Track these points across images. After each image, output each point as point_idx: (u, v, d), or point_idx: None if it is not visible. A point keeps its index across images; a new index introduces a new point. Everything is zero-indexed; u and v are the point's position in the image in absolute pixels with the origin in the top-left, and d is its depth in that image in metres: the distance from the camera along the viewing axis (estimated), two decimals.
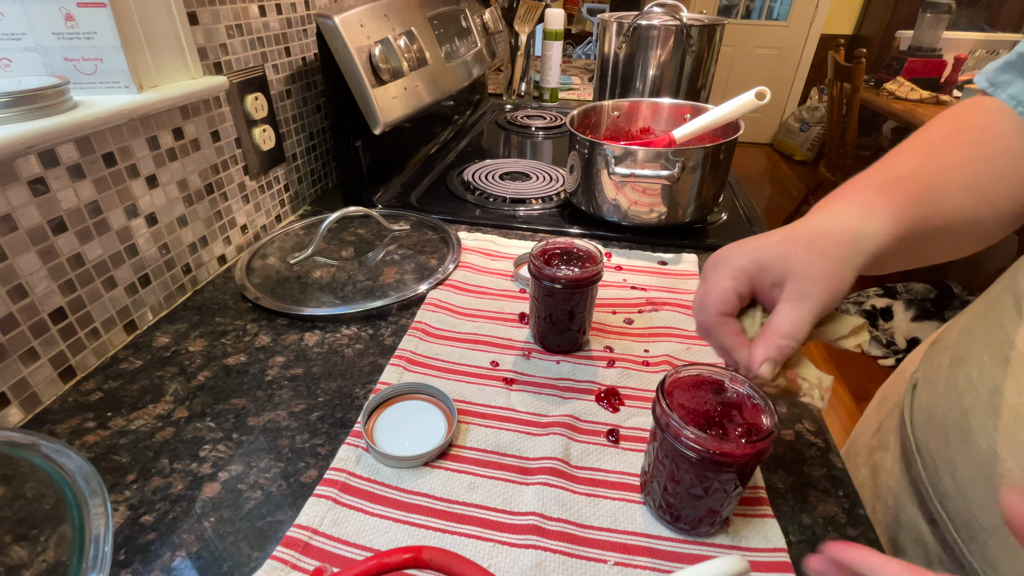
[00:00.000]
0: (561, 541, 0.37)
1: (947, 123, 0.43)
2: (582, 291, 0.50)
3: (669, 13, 1.03)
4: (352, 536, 0.37)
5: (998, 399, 0.38)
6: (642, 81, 1.10)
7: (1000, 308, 0.42)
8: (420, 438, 0.44)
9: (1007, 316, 0.40)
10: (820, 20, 3.83)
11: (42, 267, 0.46)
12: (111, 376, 0.51)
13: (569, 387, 0.50)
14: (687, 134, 0.73)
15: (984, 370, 0.40)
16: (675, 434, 0.33)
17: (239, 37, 0.66)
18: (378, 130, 0.75)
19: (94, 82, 0.51)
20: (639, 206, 0.72)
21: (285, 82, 0.77)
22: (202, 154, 0.63)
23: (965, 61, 2.46)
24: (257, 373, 0.51)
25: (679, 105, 0.83)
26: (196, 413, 0.47)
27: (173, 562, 0.36)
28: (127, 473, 0.41)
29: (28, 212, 0.44)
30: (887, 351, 2.14)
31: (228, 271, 0.68)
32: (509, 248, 0.72)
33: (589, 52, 2.16)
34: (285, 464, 0.42)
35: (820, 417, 0.48)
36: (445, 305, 0.60)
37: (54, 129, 0.43)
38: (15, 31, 0.48)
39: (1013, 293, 0.41)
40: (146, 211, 0.56)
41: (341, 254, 0.70)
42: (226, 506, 0.39)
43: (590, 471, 0.42)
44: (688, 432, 0.33)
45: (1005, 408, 0.38)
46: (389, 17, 0.78)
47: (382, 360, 0.53)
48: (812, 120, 3.87)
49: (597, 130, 0.86)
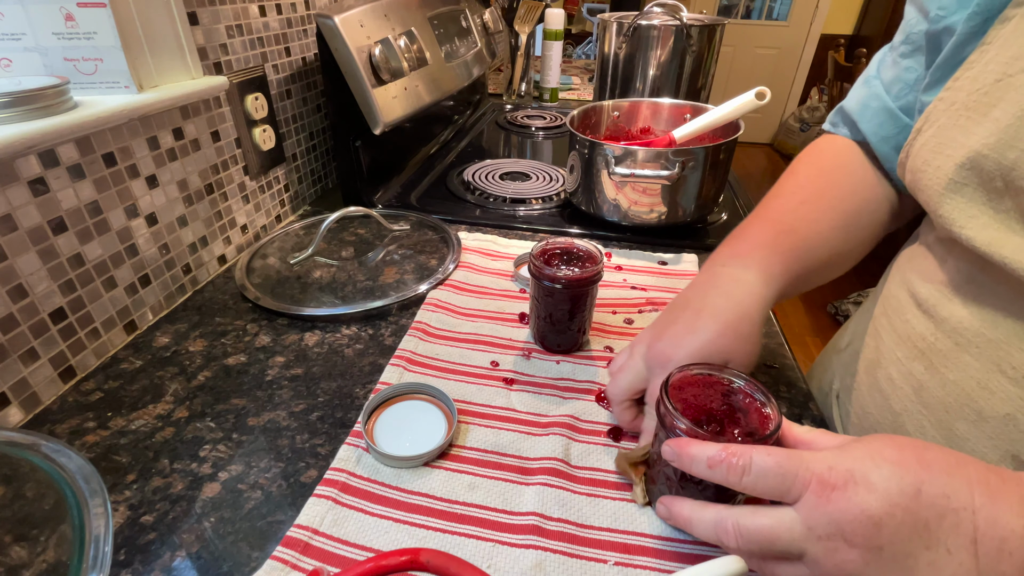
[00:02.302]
0: (561, 541, 0.37)
1: (812, 164, 0.51)
2: (582, 291, 0.50)
3: (669, 13, 1.03)
4: (352, 536, 0.37)
5: (924, 395, 0.39)
6: (642, 81, 1.10)
7: (898, 303, 0.44)
8: (420, 438, 0.44)
9: (908, 311, 0.42)
10: (820, 20, 3.83)
11: (42, 267, 0.46)
12: (111, 376, 0.51)
13: (569, 387, 0.50)
14: (687, 134, 0.73)
15: (902, 367, 0.42)
16: (670, 425, 0.34)
17: (239, 37, 0.66)
18: (378, 130, 0.75)
19: (94, 82, 0.51)
20: (639, 206, 0.72)
21: (285, 82, 0.77)
22: (202, 154, 0.63)
23: None
24: (257, 373, 0.51)
25: (679, 105, 0.83)
26: (196, 413, 0.47)
27: (173, 562, 0.36)
28: (127, 473, 0.41)
29: (28, 212, 0.44)
30: None
31: (228, 271, 0.68)
32: (509, 248, 0.72)
33: (589, 52, 2.16)
34: (285, 464, 0.42)
35: (820, 417, 0.48)
36: (445, 305, 0.60)
37: (54, 129, 0.43)
38: (15, 31, 0.48)
39: (908, 289, 0.43)
40: (146, 211, 0.56)
41: (341, 254, 0.70)
42: (226, 506, 0.39)
43: (590, 471, 0.42)
44: (682, 424, 0.33)
45: (934, 402, 0.39)
46: (389, 17, 0.78)
47: (382, 360, 0.53)
48: (812, 120, 3.87)
49: (597, 130, 0.86)
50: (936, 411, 0.39)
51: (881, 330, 0.46)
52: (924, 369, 0.40)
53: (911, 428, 0.41)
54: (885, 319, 0.46)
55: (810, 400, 0.49)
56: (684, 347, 0.39)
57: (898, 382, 0.42)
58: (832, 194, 0.48)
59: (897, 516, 0.24)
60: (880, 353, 0.45)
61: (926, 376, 0.40)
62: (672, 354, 0.39)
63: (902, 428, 0.41)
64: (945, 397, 0.38)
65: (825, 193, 0.48)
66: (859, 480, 0.26)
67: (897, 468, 0.25)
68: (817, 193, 0.48)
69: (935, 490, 0.24)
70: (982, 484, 0.24)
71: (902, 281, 0.45)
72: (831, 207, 0.47)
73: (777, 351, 0.55)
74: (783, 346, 0.56)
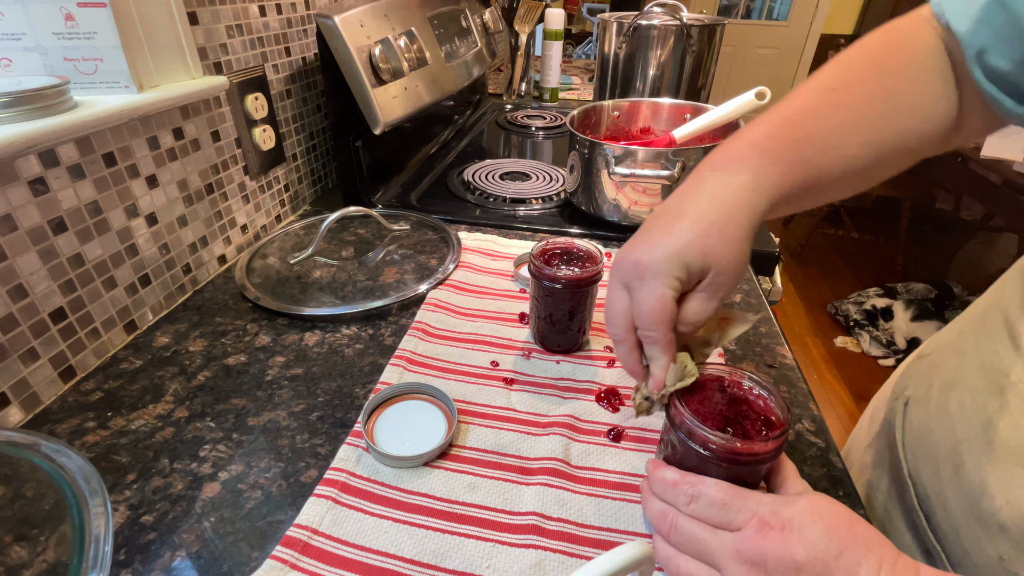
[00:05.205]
0: (561, 541, 0.37)
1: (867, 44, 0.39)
2: (582, 291, 0.50)
3: (669, 13, 1.03)
4: (352, 536, 0.37)
5: (991, 432, 0.37)
6: (642, 81, 1.10)
7: (991, 328, 0.41)
8: (420, 438, 0.44)
9: (999, 339, 0.39)
10: (820, 20, 3.83)
11: (42, 267, 0.46)
12: (111, 376, 0.51)
13: (569, 387, 0.50)
14: (687, 134, 0.73)
15: (977, 397, 0.39)
16: (701, 441, 0.33)
17: (239, 37, 0.66)
18: (378, 130, 0.75)
19: (94, 82, 0.51)
20: (639, 206, 0.72)
21: (285, 82, 0.77)
22: (202, 154, 0.63)
23: None
24: (257, 373, 0.51)
25: (679, 105, 0.83)
26: (196, 413, 0.47)
27: (173, 562, 0.36)
28: (127, 473, 0.41)
29: (28, 212, 0.44)
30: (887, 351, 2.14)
31: (228, 271, 0.68)
32: (509, 248, 0.72)
33: (589, 52, 2.16)
34: (285, 464, 0.42)
35: (820, 417, 0.48)
36: (445, 305, 0.60)
37: (54, 129, 0.43)
38: (15, 31, 0.48)
39: (1004, 317, 0.40)
40: (146, 211, 0.56)
41: (341, 254, 0.70)
42: (226, 506, 0.39)
43: (590, 471, 0.42)
44: (713, 436, 0.32)
45: (999, 443, 0.37)
46: (389, 17, 0.78)
47: (382, 360, 0.53)
48: None
49: (597, 130, 0.86)
50: (998, 451, 0.36)
51: (966, 350, 0.43)
52: (999, 407, 0.37)
53: (968, 459, 0.38)
54: (973, 340, 0.42)
55: (810, 400, 0.49)
56: (660, 249, 0.34)
57: (969, 411, 0.39)
58: (872, 86, 0.37)
59: (816, 568, 0.28)
60: (959, 376, 0.42)
61: (999, 415, 0.37)
62: (647, 260, 0.34)
63: (959, 457, 0.39)
64: (1012, 440, 0.36)
65: (864, 83, 0.37)
66: (795, 529, 0.29)
67: (828, 530, 0.29)
68: (854, 99, 0.37)
69: (853, 558, 0.28)
70: (889, 564, 0.28)
71: (1000, 306, 0.41)
72: (863, 105, 0.37)
73: (777, 351, 0.55)
74: (783, 346, 0.56)
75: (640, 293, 0.35)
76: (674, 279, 0.34)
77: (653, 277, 0.34)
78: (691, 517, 0.33)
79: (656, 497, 0.35)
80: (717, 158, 0.38)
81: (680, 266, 0.33)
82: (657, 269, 0.34)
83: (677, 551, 0.33)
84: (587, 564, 0.29)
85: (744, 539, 0.30)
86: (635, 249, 0.36)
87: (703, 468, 0.34)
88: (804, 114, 0.37)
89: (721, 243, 0.34)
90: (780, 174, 0.36)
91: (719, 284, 0.34)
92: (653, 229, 0.36)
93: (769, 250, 0.73)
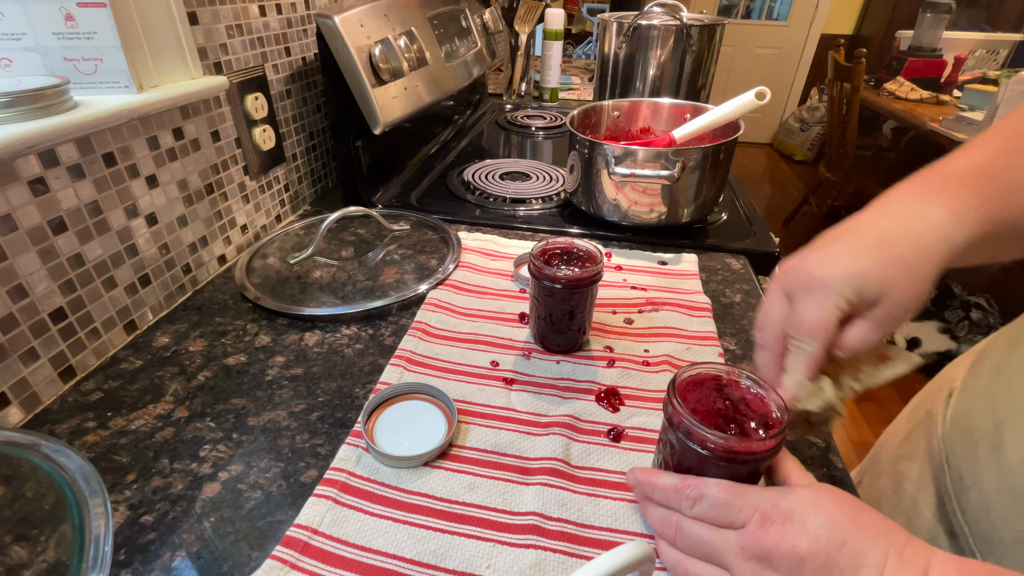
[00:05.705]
0: (561, 541, 0.37)
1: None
2: (582, 291, 0.50)
3: (669, 13, 1.03)
4: (352, 536, 0.37)
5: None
6: (642, 81, 1.10)
7: None
8: (420, 438, 0.44)
9: None
10: (820, 20, 3.83)
11: (42, 267, 0.46)
12: (111, 376, 0.51)
13: (569, 387, 0.50)
14: (687, 134, 0.73)
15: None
16: (700, 440, 0.33)
17: (239, 37, 0.66)
18: (378, 130, 0.75)
19: (94, 82, 0.51)
20: (639, 206, 0.72)
21: (285, 82, 0.77)
22: (202, 154, 0.63)
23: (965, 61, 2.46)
24: (257, 373, 0.51)
25: (679, 105, 0.83)
26: (196, 413, 0.47)
27: (173, 562, 0.36)
28: (127, 473, 0.41)
29: (28, 212, 0.44)
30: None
31: (228, 271, 0.68)
32: (509, 248, 0.72)
33: (589, 52, 2.16)
34: (285, 464, 0.42)
35: None
36: (445, 305, 0.60)
37: (54, 129, 0.43)
38: (15, 31, 0.48)
39: None
40: (146, 211, 0.56)
41: (341, 254, 0.70)
42: (226, 506, 0.39)
43: (590, 471, 0.42)
44: (711, 436, 0.32)
45: None
46: (389, 17, 0.78)
47: (382, 360, 0.53)
48: (812, 120, 3.87)
49: (597, 130, 0.86)
50: None
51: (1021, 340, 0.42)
52: None
53: (1009, 438, 0.38)
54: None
55: None
56: (838, 266, 0.33)
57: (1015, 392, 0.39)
58: None
59: (820, 559, 0.28)
60: (1010, 361, 0.41)
61: None
62: (820, 273, 0.33)
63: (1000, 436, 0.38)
64: None
65: None
66: (796, 521, 0.29)
67: (831, 519, 0.29)
68: None
69: (857, 547, 0.28)
70: (897, 551, 0.27)
71: None
72: None
73: None
74: None
75: (804, 304, 0.34)
76: (844, 299, 0.33)
77: (822, 291, 0.33)
78: (695, 519, 0.33)
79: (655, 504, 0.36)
80: (905, 188, 0.36)
81: (854, 288, 0.32)
82: (829, 285, 0.33)
83: (684, 555, 0.33)
84: (587, 564, 0.29)
85: (747, 536, 0.30)
86: (808, 259, 0.35)
87: (702, 467, 0.34)
88: (992, 157, 0.36)
89: (905, 275, 0.32)
90: (979, 207, 0.33)
91: (890, 316, 0.33)
92: (832, 245, 0.35)
93: (769, 250, 0.73)
